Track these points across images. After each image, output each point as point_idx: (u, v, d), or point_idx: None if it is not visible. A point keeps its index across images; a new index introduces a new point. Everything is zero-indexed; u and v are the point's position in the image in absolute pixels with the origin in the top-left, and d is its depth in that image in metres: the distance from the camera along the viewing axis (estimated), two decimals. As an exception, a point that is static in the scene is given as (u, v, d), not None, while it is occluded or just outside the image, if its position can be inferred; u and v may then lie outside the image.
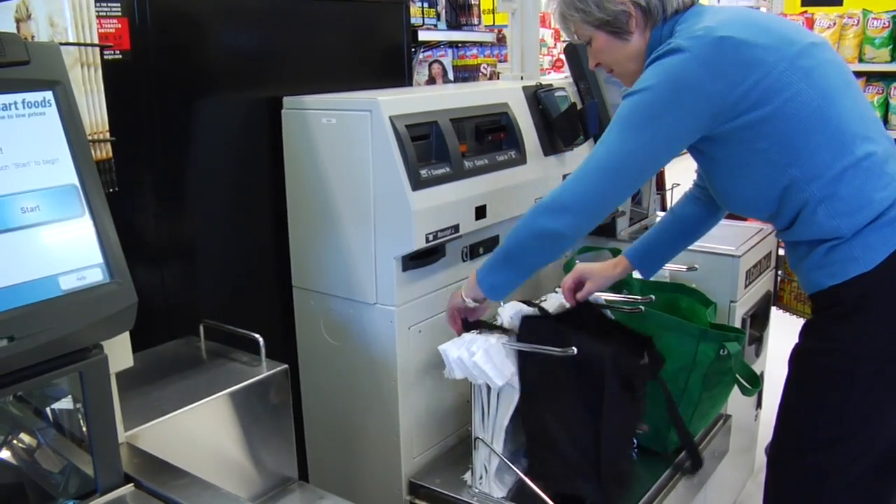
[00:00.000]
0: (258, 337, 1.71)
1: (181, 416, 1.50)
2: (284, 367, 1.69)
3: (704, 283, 2.23)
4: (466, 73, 3.94)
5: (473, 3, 4.06)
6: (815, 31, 4.32)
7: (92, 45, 1.28)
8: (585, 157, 1.54)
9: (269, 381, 1.66)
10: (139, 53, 1.71)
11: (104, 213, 1.15)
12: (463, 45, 3.96)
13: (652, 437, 1.98)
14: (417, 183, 1.78)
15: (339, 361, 2.03)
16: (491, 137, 2.06)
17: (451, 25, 3.94)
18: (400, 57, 2.42)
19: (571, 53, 2.39)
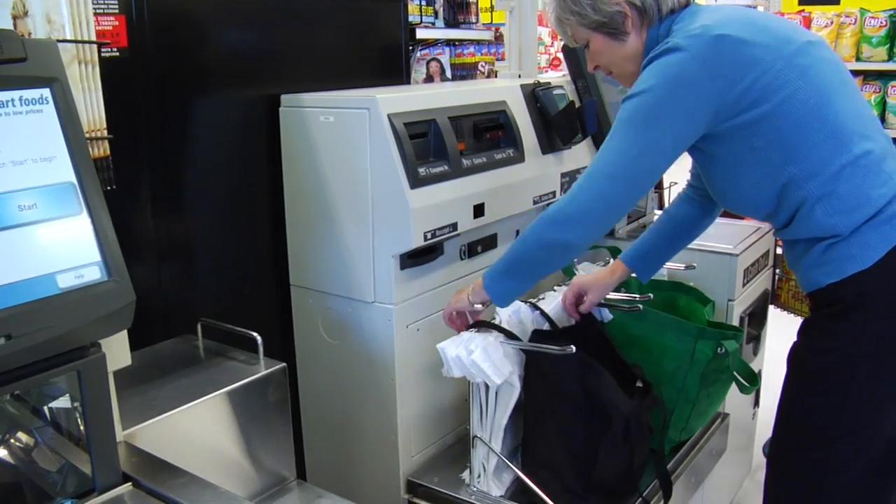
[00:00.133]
0: (256, 335, 1.70)
1: (179, 414, 1.50)
2: (282, 365, 1.69)
3: (702, 281, 2.23)
4: (464, 71, 3.94)
5: (471, 1, 4.06)
6: (812, 29, 4.33)
7: (89, 42, 1.28)
8: (589, 162, 1.53)
9: (267, 379, 1.66)
10: (137, 51, 1.70)
11: (102, 210, 1.14)
12: (461, 43, 3.96)
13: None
14: (416, 181, 1.77)
15: (337, 360, 2.03)
16: (489, 135, 2.05)
17: (448, 23, 3.93)
18: (398, 55, 2.42)
19: (569, 52, 2.39)
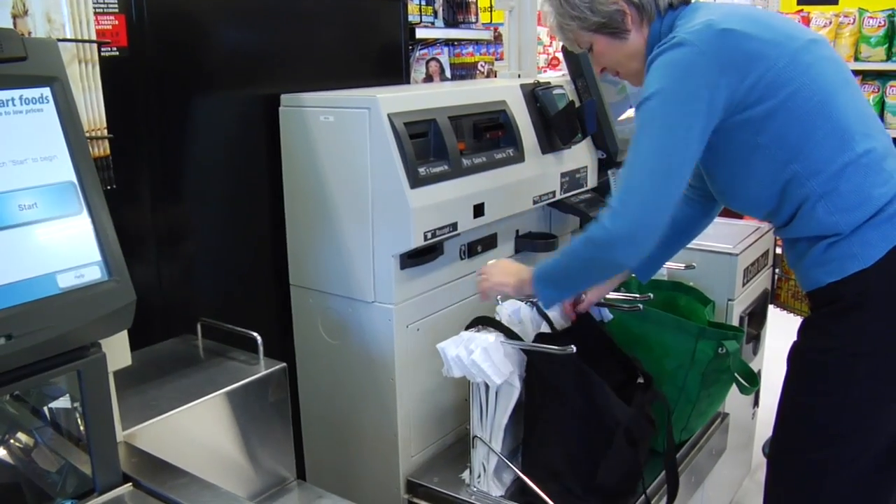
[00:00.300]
0: (256, 335, 1.70)
1: (179, 414, 1.50)
2: (282, 365, 1.69)
3: (702, 281, 2.23)
4: (463, 70, 3.94)
5: (471, 1, 4.05)
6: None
7: (89, 41, 1.27)
8: (589, 162, 1.52)
9: (267, 379, 1.66)
10: (137, 50, 1.70)
11: (102, 210, 1.14)
12: (460, 42, 3.95)
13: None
14: (416, 181, 1.77)
15: (337, 360, 2.03)
16: (489, 135, 2.05)
17: (448, 23, 3.92)
18: (398, 54, 2.42)
19: (569, 52, 2.39)
